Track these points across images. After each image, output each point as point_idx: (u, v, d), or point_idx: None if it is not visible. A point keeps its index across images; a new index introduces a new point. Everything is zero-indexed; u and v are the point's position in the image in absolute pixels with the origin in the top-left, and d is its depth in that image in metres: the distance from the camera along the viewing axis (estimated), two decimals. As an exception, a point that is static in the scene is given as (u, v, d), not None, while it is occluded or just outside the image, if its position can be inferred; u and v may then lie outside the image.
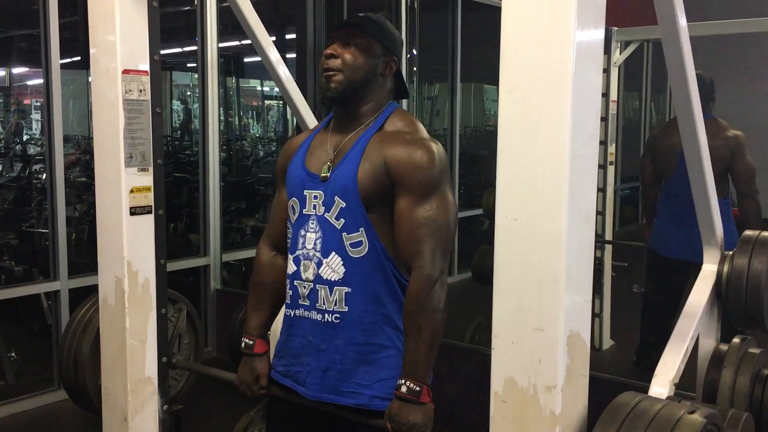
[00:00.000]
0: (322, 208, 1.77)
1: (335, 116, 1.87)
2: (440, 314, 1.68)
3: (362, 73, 1.78)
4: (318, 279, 1.76)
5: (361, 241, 1.74)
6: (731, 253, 2.20)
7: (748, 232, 2.26)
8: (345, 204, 1.74)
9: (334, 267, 1.75)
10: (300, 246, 1.80)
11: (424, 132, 1.80)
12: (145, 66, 2.24)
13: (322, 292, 1.76)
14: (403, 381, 1.68)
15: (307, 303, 1.79)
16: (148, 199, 2.28)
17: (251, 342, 1.93)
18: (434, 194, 1.71)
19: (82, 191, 5.14)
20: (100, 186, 2.32)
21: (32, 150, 6.29)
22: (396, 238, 1.73)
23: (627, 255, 5.19)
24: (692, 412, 1.39)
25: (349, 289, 1.74)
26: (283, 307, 1.90)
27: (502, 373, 1.51)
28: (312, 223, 1.78)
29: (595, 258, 4.43)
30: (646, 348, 3.98)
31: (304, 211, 1.80)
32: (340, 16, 5.03)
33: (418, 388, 1.66)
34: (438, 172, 1.71)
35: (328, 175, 1.77)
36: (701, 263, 2.24)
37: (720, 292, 2.19)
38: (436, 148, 1.74)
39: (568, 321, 1.45)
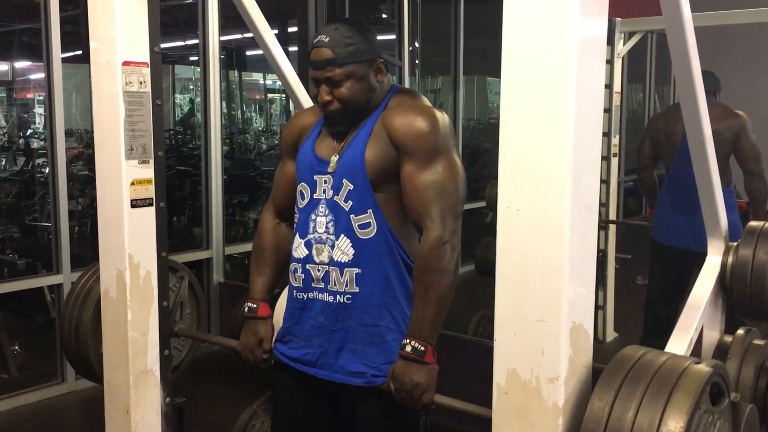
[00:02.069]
0: (331, 192, 1.79)
1: None
2: (449, 276, 1.68)
3: (362, 94, 1.78)
4: (331, 261, 1.78)
5: (369, 222, 1.76)
6: (736, 244, 2.19)
7: (752, 223, 2.24)
8: (353, 186, 1.76)
9: (343, 249, 1.77)
10: (311, 230, 1.82)
11: (426, 101, 1.82)
12: (145, 58, 2.23)
13: (334, 274, 1.78)
14: (408, 341, 1.69)
15: (321, 285, 1.81)
16: (149, 191, 2.28)
17: (254, 305, 1.95)
18: (439, 158, 1.71)
19: (85, 185, 5.14)
20: (101, 179, 2.31)
21: (35, 144, 6.29)
22: (405, 205, 1.74)
23: (631, 247, 5.18)
24: (698, 363, 1.40)
25: (359, 270, 1.76)
26: (284, 293, 1.91)
27: (504, 365, 1.50)
28: (322, 207, 1.80)
29: (599, 250, 4.43)
30: (650, 340, 3.97)
31: (315, 196, 1.82)
32: (342, 9, 5.01)
33: (422, 348, 1.67)
34: (441, 136, 1.72)
35: (337, 160, 1.80)
36: (705, 253, 2.23)
37: (724, 283, 2.18)
38: (439, 113, 1.75)
39: (570, 312, 1.44)
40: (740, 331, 2.14)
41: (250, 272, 1.99)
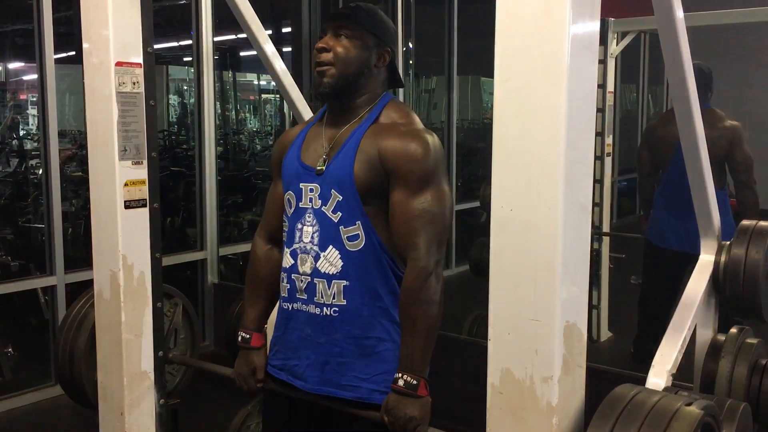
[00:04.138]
0: (319, 202, 1.76)
1: (329, 108, 1.86)
2: (435, 306, 1.67)
3: (355, 65, 1.76)
4: (315, 273, 1.75)
5: (358, 234, 1.73)
6: (728, 243, 2.20)
7: (745, 222, 2.25)
8: (342, 197, 1.73)
9: (331, 260, 1.74)
10: (297, 239, 1.79)
11: (419, 123, 1.78)
12: (139, 58, 2.23)
13: (320, 285, 1.75)
14: (400, 374, 1.67)
15: (305, 297, 1.78)
16: (143, 192, 2.27)
17: (248, 336, 1.92)
18: (429, 186, 1.70)
19: (79, 186, 5.13)
20: (94, 180, 2.30)
21: (29, 145, 6.27)
22: (391, 230, 1.72)
23: (625, 246, 5.19)
24: (689, 404, 1.39)
25: (347, 283, 1.73)
26: (279, 300, 1.90)
27: (498, 365, 1.50)
28: (309, 217, 1.77)
29: (593, 250, 4.44)
30: (644, 339, 3.99)
31: (301, 205, 1.79)
32: (335, 9, 5.00)
33: (415, 382, 1.66)
34: (433, 164, 1.71)
35: (324, 168, 1.76)
36: (698, 254, 2.24)
37: (717, 282, 2.18)
38: (431, 139, 1.73)
39: (564, 312, 1.44)
40: (733, 330, 2.15)
41: (243, 300, 1.96)
